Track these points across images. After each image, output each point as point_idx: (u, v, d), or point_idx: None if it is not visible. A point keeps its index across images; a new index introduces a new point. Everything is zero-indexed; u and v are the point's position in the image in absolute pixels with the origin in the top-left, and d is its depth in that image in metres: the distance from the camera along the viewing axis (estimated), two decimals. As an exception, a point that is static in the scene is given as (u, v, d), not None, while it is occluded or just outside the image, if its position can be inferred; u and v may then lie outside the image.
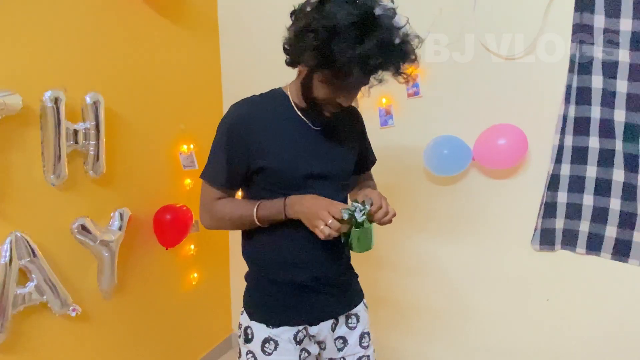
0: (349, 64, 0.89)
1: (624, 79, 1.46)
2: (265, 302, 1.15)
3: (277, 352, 1.11)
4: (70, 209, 1.55)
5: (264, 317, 1.14)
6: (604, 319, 1.62)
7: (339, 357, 1.21)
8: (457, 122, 1.75)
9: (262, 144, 1.06)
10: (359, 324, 1.22)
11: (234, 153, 1.07)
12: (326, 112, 1.05)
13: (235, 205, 1.11)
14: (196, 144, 2.02)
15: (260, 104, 1.10)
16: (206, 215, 1.14)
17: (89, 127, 1.53)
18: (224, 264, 2.38)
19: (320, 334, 1.17)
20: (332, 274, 1.16)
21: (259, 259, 1.17)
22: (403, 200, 1.91)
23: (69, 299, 1.53)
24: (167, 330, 2.02)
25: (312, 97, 1.03)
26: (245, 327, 1.17)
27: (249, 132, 1.05)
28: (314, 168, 1.09)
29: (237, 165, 1.08)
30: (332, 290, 1.16)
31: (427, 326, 1.97)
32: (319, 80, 0.99)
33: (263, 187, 1.10)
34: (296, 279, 1.12)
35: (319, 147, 1.11)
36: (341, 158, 1.17)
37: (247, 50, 2.11)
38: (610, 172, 1.53)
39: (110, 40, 1.65)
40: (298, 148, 1.08)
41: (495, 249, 1.77)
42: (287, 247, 1.12)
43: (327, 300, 1.16)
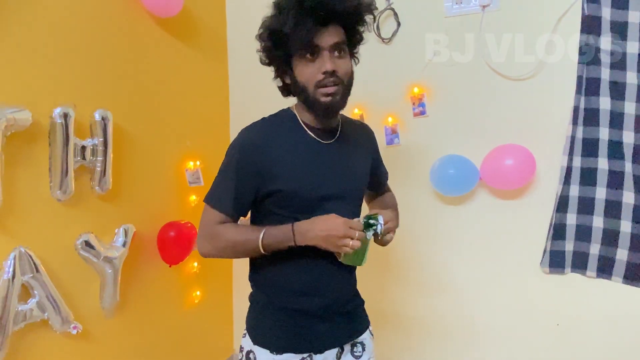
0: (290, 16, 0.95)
1: (632, 101, 1.46)
2: (270, 327, 1.12)
3: None
4: (75, 224, 1.54)
5: (268, 342, 1.10)
6: (615, 344, 1.58)
7: None
8: (464, 142, 1.75)
9: (275, 167, 1.03)
10: (364, 353, 1.18)
11: (244, 178, 1.04)
12: (322, 98, 1.01)
13: (239, 231, 1.06)
14: (202, 161, 2.02)
15: (269, 126, 1.08)
16: (205, 241, 1.08)
17: (97, 144, 1.53)
18: (227, 282, 2.36)
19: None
20: (340, 301, 1.13)
21: (266, 286, 1.13)
22: (409, 219, 1.88)
23: (70, 317, 1.51)
24: (168, 349, 1.98)
25: (302, 87, 1.02)
26: (247, 350, 1.13)
27: (260, 155, 1.03)
28: (329, 188, 1.07)
29: (246, 191, 1.05)
30: (339, 318, 1.13)
31: (433, 348, 1.93)
32: (296, 65, 1.02)
33: (274, 211, 1.07)
34: (304, 306, 1.09)
35: (333, 164, 1.09)
36: (355, 174, 1.14)
37: (255, 69, 2.11)
38: (620, 194, 1.51)
39: (120, 58, 1.67)
40: (311, 167, 1.06)
41: (503, 270, 1.74)
42: (296, 275, 1.09)
43: (333, 328, 1.12)
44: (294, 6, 0.96)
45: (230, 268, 2.36)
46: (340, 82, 1.02)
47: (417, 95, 1.81)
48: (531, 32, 1.60)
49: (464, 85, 1.73)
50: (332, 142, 1.10)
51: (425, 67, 1.78)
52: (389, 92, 1.86)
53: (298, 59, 1.01)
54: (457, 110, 1.75)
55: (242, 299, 2.34)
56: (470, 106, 1.72)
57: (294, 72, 1.03)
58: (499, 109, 1.68)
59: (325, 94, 1.01)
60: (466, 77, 1.73)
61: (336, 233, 0.97)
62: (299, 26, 0.96)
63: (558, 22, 1.55)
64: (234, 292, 2.38)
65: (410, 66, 1.81)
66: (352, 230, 0.98)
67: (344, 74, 1.02)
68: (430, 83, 1.79)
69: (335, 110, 1.05)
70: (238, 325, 2.39)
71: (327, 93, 1.01)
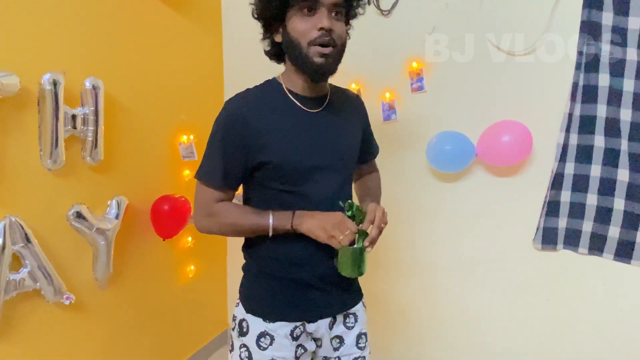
0: None
1: (631, 78, 1.45)
2: (263, 296, 1.11)
3: (272, 347, 1.08)
4: (67, 195, 1.52)
5: (261, 311, 1.10)
6: (605, 320, 1.61)
7: (334, 356, 1.17)
8: (461, 118, 1.73)
9: (261, 138, 1.01)
10: (356, 324, 1.19)
11: (231, 151, 1.02)
12: (316, 58, 0.98)
13: (243, 213, 1.06)
14: (196, 135, 2.00)
15: (254, 97, 1.06)
16: (204, 218, 1.08)
17: (88, 113, 1.50)
18: (222, 257, 2.36)
19: (318, 331, 1.14)
20: (334, 272, 1.10)
21: (259, 256, 1.13)
22: (405, 196, 1.89)
23: (62, 287, 1.50)
24: (162, 323, 1.99)
25: (295, 44, 0.99)
26: (240, 319, 1.13)
27: (245, 127, 1.01)
28: (318, 158, 1.06)
29: (234, 163, 1.03)
30: (332, 289, 1.13)
31: (426, 326, 1.95)
32: (291, 20, 0.99)
33: (264, 184, 1.06)
34: (297, 276, 1.09)
35: (320, 133, 1.07)
36: (345, 144, 1.12)
37: (250, 41, 2.08)
38: (614, 171, 1.51)
39: (113, 26, 1.62)
40: (299, 137, 1.04)
41: (496, 247, 1.76)
42: (290, 246, 1.07)
43: (326, 298, 1.12)
44: None
45: (224, 244, 2.36)
46: (335, 44, 0.99)
47: (416, 70, 1.79)
48: (529, 9, 1.57)
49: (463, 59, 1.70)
50: (319, 110, 1.08)
51: (425, 40, 1.75)
52: (387, 67, 1.83)
53: (294, 13, 0.98)
54: (455, 86, 1.73)
55: (237, 275, 2.33)
56: (469, 82, 1.70)
57: (287, 28, 1.00)
58: (497, 84, 1.66)
59: (319, 54, 0.98)
60: (464, 53, 1.70)
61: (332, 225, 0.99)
62: None
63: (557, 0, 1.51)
64: (228, 268, 2.38)
65: (409, 40, 1.78)
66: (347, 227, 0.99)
67: (338, 36, 1.00)
68: (429, 57, 1.76)
69: (327, 72, 1.02)
70: (232, 300, 2.40)
71: (322, 53, 0.98)
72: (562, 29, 1.53)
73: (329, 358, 1.18)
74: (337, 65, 1.03)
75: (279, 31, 1.04)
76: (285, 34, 1.01)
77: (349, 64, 1.06)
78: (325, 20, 0.96)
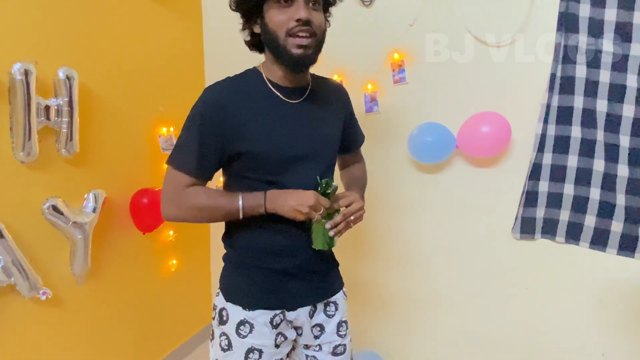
0: None
1: (606, 69, 1.47)
2: (242, 285, 1.12)
3: (252, 335, 1.08)
4: (41, 188, 1.49)
5: (241, 299, 1.10)
6: (583, 308, 1.64)
7: (315, 345, 1.18)
8: (443, 110, 1.74)
9: (239, 128, 1.00)
10: (337, 312, 1.19)
11: (208, 138, 1.00)
12: (294, 49, 0.98)
13: (212, 196, 1.04)
14: (176, 127, 1.96)
15: (234, 85, 1.05)
16: (170, 204, 1.04)
17: (62, 104, 1.46)
18: (205, 251, 2.34)
19: (298, 319, 1.14)
20: (313, 261, 1.12)
21: (239, 246, 1.13)
22: (386, 187, 1.89)
23: (38, 282, 1.47)
24: (143, 318, 1.97)
25: (274, 36, 0.98)
26: (220, 308, 1.13)
27: (224, 115, 1.00)
28: (298, 149, 1.05)
29: (210, 152, 1.02)
30: (312, 277, 1.13)
31: (406, 314, 1.97)
32: (269, 11, 0.98)
33: (245, 174, 1.05)
34: (277, 266, 1.09)
35: (301, 124, 1.07)
36: (325, 135, 1.12)
37: (231, 30, 2.04)
38: (591, 162, 1.54)
39: (87, 14, 1.58)
40: (278, 128, 1.03)
41: (476, 237, 1.78)
42: (269, 235, 1.08)
43: (306, 287, 1.13)
44: None
45: (207, 237, 2.34)
46: (314, 34, 0.99)
47: (397, 61, 1.78)
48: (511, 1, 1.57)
49: (444, 52, 1.70)
50: (300, 101, 1.08)
51: (406, 31, 1.74)
52: (369, 58, 1.82)
53: (271, 4, 0.97)
54: (436, 77, 1.73)
55: (220, 268, 2.33)
56: (450, 73, 1.71)
57: (265, 19, 0.99)
58: (477, 76, 1.67)
59: (297, 45, 0.97)
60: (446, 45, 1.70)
61: (306, 201, 0.99)
62: None
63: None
64: (212, 261, 2.37)
65: (391, 31, 1.78)
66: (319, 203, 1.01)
67: (317, 26, 0.99)
68: (410, 49, 1.76)
69: (306, 64, 1.02)
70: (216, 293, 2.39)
71: (300, 45, 0.97)
72: (541, 21, 1.55)
73: (310, 346, 1.18)
74: (317, 55, 1.02)
75: (257, 22, 1.03)
76: (263, 25, 1.01)
77: (331, 55, 1.06)
78: (302, 11, 0.96)
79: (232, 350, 1.09)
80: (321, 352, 1.17)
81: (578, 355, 1.66)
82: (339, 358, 1.18)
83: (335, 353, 1.18)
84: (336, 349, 1.18)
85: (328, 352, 1.17)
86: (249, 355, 1.08)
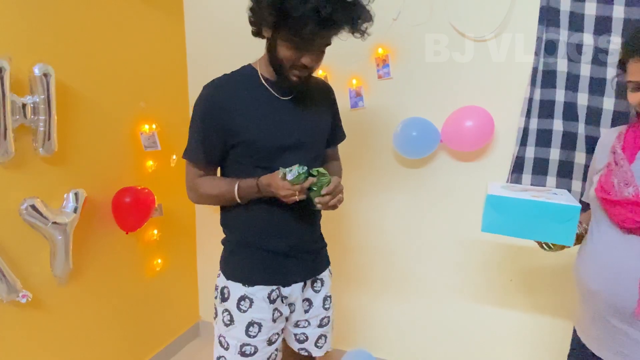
0: (302, 16, 0.98)
1: (587, 63, 1.49)
2: (242, 263, 1.22)
3: (252, 309, 1.19)
4: (19, 188, 1.45)
5: (241, 276, 1.21)
6: (566, 299, 1.67)
7: (304, 319, 1.30)
8: (427, 104, 1.74)
9: (236, 121, 1.13)
10: (323, 288, 1.32)
11: (210, 133, 1.14)
12: (293, 77, 1.11)
13: (215, 184, 1.19)
14: (159, 124, 1.93)
15: (230, 82, 1.16)
16: (191, 192, 1.23)
17: (38, 102, 1.42)
18: (191, 249, 2.32)
19: (292, 295, 1.25)
20: (305, 242, 1.25)
21: (237, 228, 1.24)
22: (372, 182, 1.89)
23: (17, 285, 1.43)
24: (128, 318, 1.94)
25: (278, 60, 1.09)
26: (222, 287, 1.24)
27: (222, 111, 1.12)
28: (286, 139, 1.16)
29: (214, 144, 1.16)
30: (304, 256, 1.25)
31: (392, 309, 1.98)
32: (282, 41, 1.07)
33: (238, 161, 1.18)
34: (272, 245, 1.20)
35: (290, 117, 1.18)
36: (312, 127, 1.23)
37: (214, 25, 2.03)
38: (572, 154, 1.56)
39: (63, 8, 1.53)
40: (269, 120, 1.15)
41: (461, 230, 1.79)
42: (264, 218, 1.19)
43: (299, 265, 1.24)
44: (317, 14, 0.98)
45: (193, 236, 2.32)
46: (312, 69, 1.13)
47: (382, 56, 1.78)
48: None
49: (428, 47, 1.71)
50: (290, 98, 1.19)
51: (390, 26, 1.74)
52: (353, 53, 1.81)
53: (286, 35, 1.05)
54: (420, 72, 1.73)
55: (207, 266, 2.32)
56: (433, 68, 1.71)
57: (277, 42, 1.08)
58: (461, 71, 1.67)
59: (296, 76, 1.11)
60: (430, 39, 1.70)
61: (281, 192, 1.09)
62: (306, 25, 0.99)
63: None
64: (199, 260, 2.34)
65: (375, 25, 1.76)
66: (290, 189, 1.07)
67: (317, 65, 1.13)
68: (395, 44, 1.75)
69: (299, 88, 1.17)
70: (204, 292, 2.37)
71: (298, 75, 1.11)
72: (523, 15, 1.56)
73: (300, 322, 1.31)
74: (309, 80, 1.18)
75: (269, 33, 1.10)
76: (273, 42, 1.10)
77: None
78: (310, 60, 1.08)
79: (234, 324, 1.20)
80: (309, 327, 1.31)
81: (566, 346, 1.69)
82: (324, 329, 1.33)
83: (321, 325, 1.32)
84: (322, 321, 1.32)
85: (315, 325, 1.31)
86: (249, 329, 1.20)
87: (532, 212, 1.05)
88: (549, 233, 1.05)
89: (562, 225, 1.03)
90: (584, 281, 1.06)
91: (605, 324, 1.02)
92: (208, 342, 2.33)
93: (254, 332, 1.20)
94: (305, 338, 1.32)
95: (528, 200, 1.05)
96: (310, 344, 1.32)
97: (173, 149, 2.03)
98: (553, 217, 1.03)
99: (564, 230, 1.03)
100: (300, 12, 0.97)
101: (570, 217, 1.02)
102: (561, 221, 1.03)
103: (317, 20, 0.98)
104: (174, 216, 2.13)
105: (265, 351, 1.22)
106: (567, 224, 1.02)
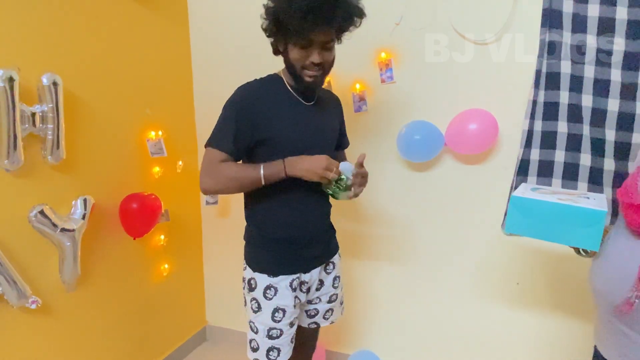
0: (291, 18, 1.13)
1: (591, 64, 1.48)
2: (266, 256, 1.36)
3: (277, 297, 1.33)
4: (28, 196, 1.47)
5: (266, 268, 1.34)
6: (576, 304, 1.65)
7: (316, 297, 1.46)
8: (430, 108, 1.74)
9: (265, 119, 1.26)
10: (334, 270, 1.48)
11: (243, 125, 1.25)
12: (307, 77, 1.24)
13: (241, 167, 1.28)
14: (165, 131, 1.95)
15: (261, 86, 1.31)
16: (208, 177, 1.26)
17: (46, 110, 1.45)
18: (197, 254, 2.33)
19: (311, 279, 1.40)
20: (319, 230, 1.41)
21: (259, 221, 1.37)
22: (376, 186, 1.90)
23: (27, 291, 1.46)
24: (136, 324, 1.96)
25: (292, 64, 1.24)
26: (249, 278, 1.38)
27: (256, 108, 1.25)
28: (308, 139, 1.31)
29: (244, 136, 1.26)
30: (319, 245, 1.41)
31: (399, 311, 1.98)
32: (289, 45, 1.23)
33: (264, 157, 1.27)
34: (291, 236, 1.34)
35: (311, 121, 1.33)
36: (329, 130, 1.41)
37: (218, 33, 2.05)
38: (577, 156, 1.55)
39: (71, 18, 1.56)
40: (295, 121, 1.30)
41: (466, 233, 1.79)
42: (284, 211, 1.33)
43: (315, 252, 1.39)
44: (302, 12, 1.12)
45: (200, 241, 2.33)
46: (323, 68, 1.25)
47: (385, 60, 1.79)
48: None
49: (430, 50, 1.71)
50: (312, 104, 1.35)
51: (393, 30, 1.75)
52: (356, 58, 1.82)
53: (293, 44, 1.21)
54: (423, 75, 1.74)
55: (214, 271, 2.33)
56: (437, 71, 1.71)
57: (288, 51, 1.24)
58: (464, 74, 1.67)
59: (309, 75, 1.24)
60: (433, 42, 1.70)
61: (319, 164, 1.22)
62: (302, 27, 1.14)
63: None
64: (205, 264, 2.36)
65: (378, 30, 1.78)
66: (331, 164, 1.23)
67: (327, 63, 1.26)
68: (397, 48, 1.76)
69: (314, 88, 1.30)
70: (210, 296, 2.38)
71: (311, 75, 1.24)
72: (525, 18, 1.56)
73: (312, 300, 1.46)
74: (323, 80, 1.30)
75: (281, 45, 1.27)
76: (285, 51, 1.26)
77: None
78: (316, 56, 1.21)
79: (261, 311, 1.35)
80: (320, 303, 1.48)
81: (572, 350, 1.68)
82: (333, 304, 1.50)
83: (330, 300, 1.49)
84: (331, 297, 1.49)
85: (325, 301, 1.48)
86: (275, 314, 1.34)
87: (556, 215, 1.03)
88: (574, 237, 1.02)
89: (586, 229, 1.00)
90: (591, 280, 1.05)
91: (609, 325, 1.01)
92: (215, 346, 2.34)
93: (279, 317, 1.34)
94: (316, 312, 1.48)
95: (551, 203, 1.04)
96: (319, 317, 1.49)
97: (179, 155, 2.05)
98: (577, 221, 1.00)
99: (589, 234, 1.00)
100: (287, 15, 1.13)
101: (595, 222, 0.99)
102: (586, 225, 1.00)
103: (304, 18, 1.12)
104: (181, 222, 2.15)
105: (288, 333, 1.37)
106: (592, 229, 0.99)
